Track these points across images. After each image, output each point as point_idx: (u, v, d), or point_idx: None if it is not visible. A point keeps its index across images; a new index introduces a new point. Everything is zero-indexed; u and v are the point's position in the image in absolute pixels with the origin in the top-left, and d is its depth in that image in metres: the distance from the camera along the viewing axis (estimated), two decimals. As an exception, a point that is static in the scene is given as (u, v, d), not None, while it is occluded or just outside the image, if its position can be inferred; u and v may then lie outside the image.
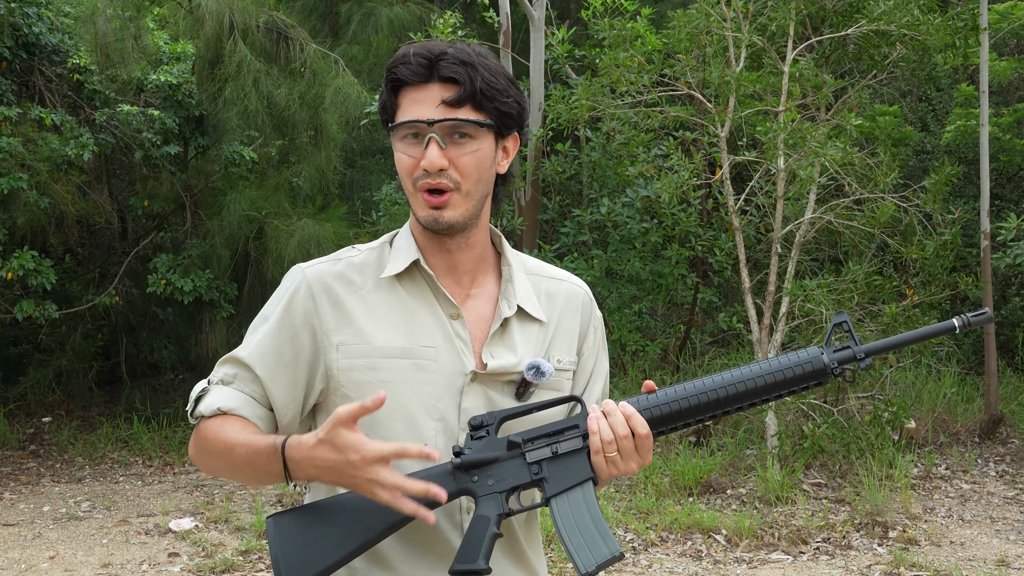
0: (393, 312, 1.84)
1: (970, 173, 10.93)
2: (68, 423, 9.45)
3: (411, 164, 1.79)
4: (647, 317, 10.20)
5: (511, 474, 1.75)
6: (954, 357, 9.96)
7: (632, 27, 8.55)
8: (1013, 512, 6.78)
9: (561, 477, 1.75)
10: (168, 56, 9.20)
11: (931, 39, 7.98)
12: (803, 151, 7.63)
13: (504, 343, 1.86)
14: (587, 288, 2.01)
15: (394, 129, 1.80)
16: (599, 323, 2.01)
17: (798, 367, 1.75)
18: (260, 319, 1.89)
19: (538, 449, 1.76)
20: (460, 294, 1.88)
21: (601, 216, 9.81)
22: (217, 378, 1.86)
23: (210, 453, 1.82)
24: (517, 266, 1.94)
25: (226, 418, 1.81)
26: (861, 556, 5.94)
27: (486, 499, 1.74)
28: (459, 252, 1.87)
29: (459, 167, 1.78)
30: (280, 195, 9.22)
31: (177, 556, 6.17)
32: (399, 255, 1.87)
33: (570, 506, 1.75)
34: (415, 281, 1.86)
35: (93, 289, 9.66)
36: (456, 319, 1.84)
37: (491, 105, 1.79)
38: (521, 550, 1.90)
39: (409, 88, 1.79)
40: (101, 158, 9.27)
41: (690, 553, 6.05)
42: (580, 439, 1.76)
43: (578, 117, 8.55)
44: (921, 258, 7.81)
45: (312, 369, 1.83)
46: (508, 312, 1.87)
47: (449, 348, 1.82)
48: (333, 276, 1.85)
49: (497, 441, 1.76)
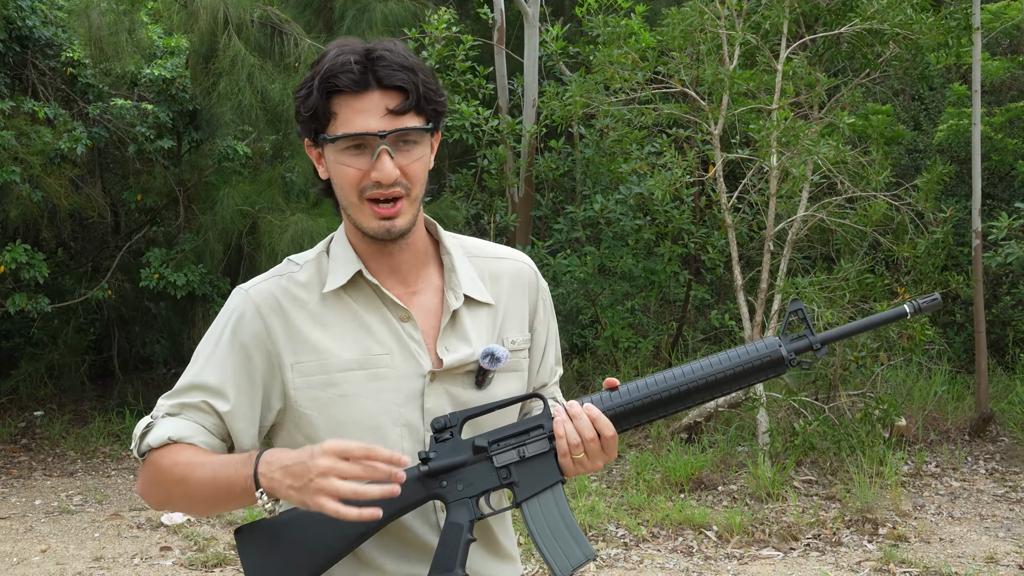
0: (343, 324, 1.81)
1: (962, 172, 10.96)
2: (60, 417, 9.44)
3: (357, 176, 1.75)
4: (640, 314, 10.22)
5: (480, 478, 1.75)
6: (945, 356, 9.99)
7: (626, 24, 8.56)
8: (1002, 509, 6.81)
9: (530, 481, 1.75)
10: (162, 50, 9.19)
11: (924, 38, 8.01)
12: (796, 149, 7.65)
13: (457, 334, 1.85)
14: (530, 262, 2.00)
15: (333, 141, 1.74)
16: (546, 294, 2.00)
17: (757, 360, 1.78)
18: (207, 345, 1.83)
19: (504, 452, 1.75)
20: (406, 294, 1.86)
21: (594, 213, 9.82)
22: (163, 412, 1.81)
23: (163, 482, 1.77)
24: (457, 252, 1.91)
25: (177, 447, 1.77)
26: (851, 553, 5.97)
27: (457, 505, 1.74)
28: (400, 254, 1.85)
29: (408, 174, 1.76)
30: (273, 190, 9.22)
31: (169, 550, 6.18)
32: (338, 266, 1.83)
33: (542, 510, 1.76)
34: (360, 289, 1.83)
35: (86, 283, 9.65)
36: (407, 321, 1.82)
37: (430, 108, 1.77)
38: (495, 540, 1.91)
39: (345, 96, 1.73)
40: (94, 152, 9.26)
41: (681, 549, 6.07)
42: (546, 440, 1.76)
43: (572, 114, 8.57)
44: (913, 256, 7.84)
45: (267, 391, 1.81)
46: (456, 304, 1.85)
47: (404, 352, 1.81)
48: (280, 294, 1.82)
49: (462, 443, 1.75)
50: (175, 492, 1.77)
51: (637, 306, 10.08)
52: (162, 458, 1.76)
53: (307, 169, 9.24)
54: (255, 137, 9.42)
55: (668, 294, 10.63)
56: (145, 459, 1.80)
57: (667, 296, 10.71)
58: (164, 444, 1.76)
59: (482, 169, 10.43)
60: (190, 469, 1.73)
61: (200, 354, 1.83)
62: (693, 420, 8.05)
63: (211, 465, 1.73)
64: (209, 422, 1.80)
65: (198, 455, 1.75)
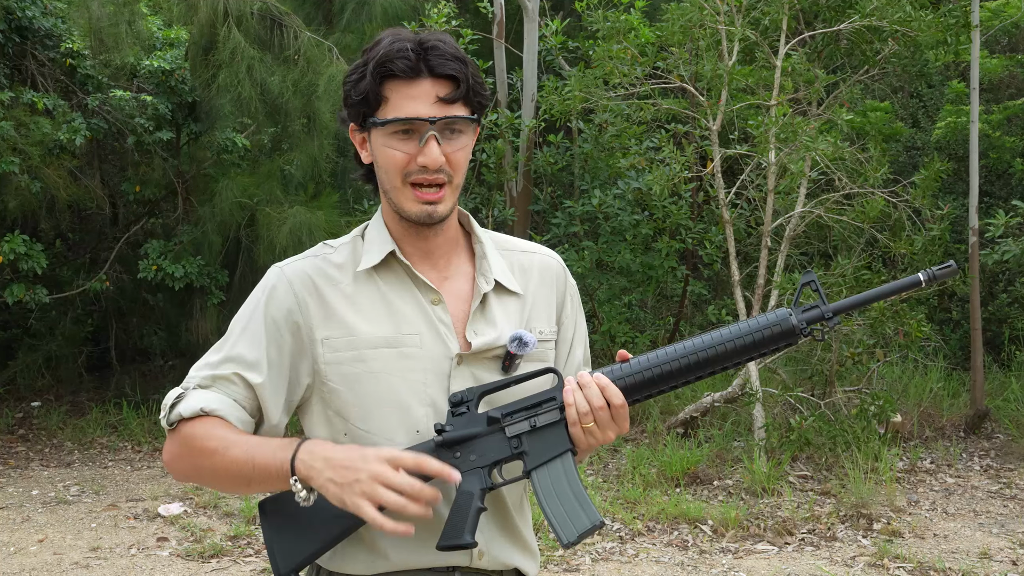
0: (374, 303, 1.84)
1: (959, 169, 10.98)
2: (57, 408, 9.45)
3: (404, 160, 1.79)
4: (637, 309, 10.24)
5: (492, 449, 1.78)
6: (941, 352, 10.02)
7: (626, 19, 8.56)
8: (996, 506, 6.84)
9: (540, 449, 1.78)
10: (162, 42, 9.19)
11: (923, 35, 8.02)
12: (794, 145, 7.66)
13: (485, 319, 1.88)
14: (559, 258, 2.03)
15: (383, 124, 1.78)
16: (574, 291, 2.04)
17: (767, 329, 1.77)
18: (241, 319, 1.86)
19: (517, 423, 1.79)
20: (437, 278, 1.89)
21: (592, 208, 9.83)
22: (194, 383, 1.84)
23: (194, 453, 1.79)
24: (488, 242, 1.95)
25: (209, 420, 1.79)
26: (846, 548, 5.99)
27: (469, 474, 1.77)
28: (435, 238, 1.89)
29: (453, 162, 1.80)
30: (272, 182, 9.22)
31: (166, 541, 6.19)
32: (373, 247, 1.87)
33: (550, 478, 1.78)
34: (393, 271, 1.87)
35: (84, 274, 9.66)
36: (437, 304, 1.86)
37: (476, 100, 1.82)
38: (516, 528, 1.92)
39: (398, 81, 1.78)
40: (93, 143, 9.26)
41: (676, 543, 6.09)
42: (557, 411, 1.78)
43: (571, 108, 8.58)
44: (910, 253, 7.85)
45: (296, 366, 1.83)
46: (486, 287, 1.89)
47: (433, 334, 1.84)
48: (313, 272, 1.86)
49: (478, 416, 1.79)
50: (204, 465, 1.79)
51: (634, 301, 10.11)
52: (194, 429, 1.79)
53: (306, 162, 9.25)
54: (254, 130, 9.42)
55: (665, 289, 10.66)
56: (174, 429, 1.82)
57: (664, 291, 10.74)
58: (196, 415, 1.79)
59: (480, 163, 10.44)
60: (224, 445, 1.76)
61: (234, 328, 1.86)
62: (689, 415, 8.08)
63: (246, 444, 1.76)
64: (241, 395, 1.82)
65: (232, 432, 1.78)
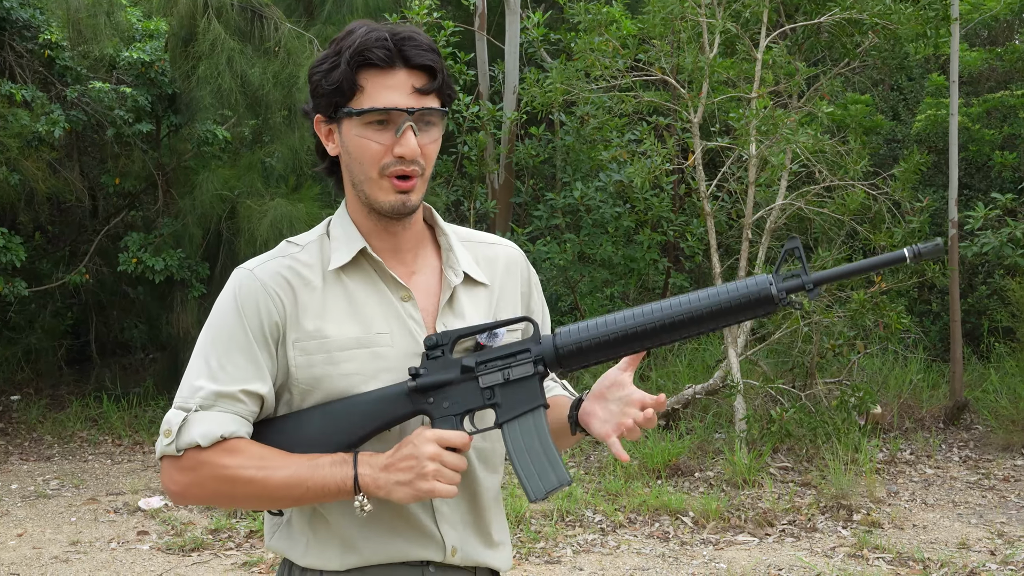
0: (344, 303, 1.82)
1: (939, 162, 11.03)
2: (37, 401, 9.40)
3: (380, 151, 1.77)
4: (619, 301, 10.25)
5: (465, 397, 1.78)
6: (920, 344, 10.07)
7: (607, 12, 8.57)
8: (975, 496, 6.89)
9: (513, 403, 1.78)
10: (141, 33, 9.13)
11: (903, 28, 8.05)
12: (775, 138, 7.68)
13: (454, 312, 1.88)
14: (520, 249, 2.04)
15: (359, 114, 1.76)
16: (536, 279, 2.05)
17: (745, 295, 1.73)
18: (224, 330, 1.80)
19: (490, 373, 1.78)
20: (405, 273, 1.88)
21: (574, 200, 9.84)
22: (195, 404, 1.77)
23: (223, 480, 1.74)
24: (452, 236, 1.95)
25: (231, 443, 1.75)
26: (826, 538, 6.02)
27: (442, 421, 1.77)
28: (403, 232, 1.87)
29: (426, 154, 1.80)
30: (253, 175, 9.18)
31: (146, 534, 6.17)
32: (341, 245, 1.85)
33: (521, 433, 1.79)
34: (361, 269, 1.85)
35: (63, 267, 9.60)
36: (407, 300, 1.85)
37: (447, 92, 1.82)
38: (489, 527, 1.92)
39: (374, 71, 1.76)
40: (72, 135, 9.21)
41: (657, 535, 6.11)
42: (531, 365, 1.78)
43: (552, 101, 8.57)
44: (889, 245, 7.89)
45: (272, 369, 1.81)
46: (456, 280, 1.88)
47: (403, 331, 1.83)
48: (286, 272, 1.82)
49: (452, 361, 1.79)
50: (239, 492, 1.76)
51: (616, 293, 10.12)
52: (219, 459, 1.74)
53: (287, 154, 9.22)
54: (235, 122, 9.38)
55: (647, 281, 10.67)
56: (181, 456, 1.75)
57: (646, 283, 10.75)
58: (215, 443, 1.74)
59: (462, 155, 10.42)
60: (263, 473, 1.73)
61: (219, 339, 1.80)
62: (671, 407, 8.10)
63: (293, 466, 1.74)
64: (247, 411, 1.78)
65: (266, 453, 1.76)
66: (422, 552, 1.82)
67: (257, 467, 1.74)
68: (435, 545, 1.83)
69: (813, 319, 7.71)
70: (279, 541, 1.88)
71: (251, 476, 1.74)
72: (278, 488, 1.74)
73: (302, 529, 1.85)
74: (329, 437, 1.77)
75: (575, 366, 1.80)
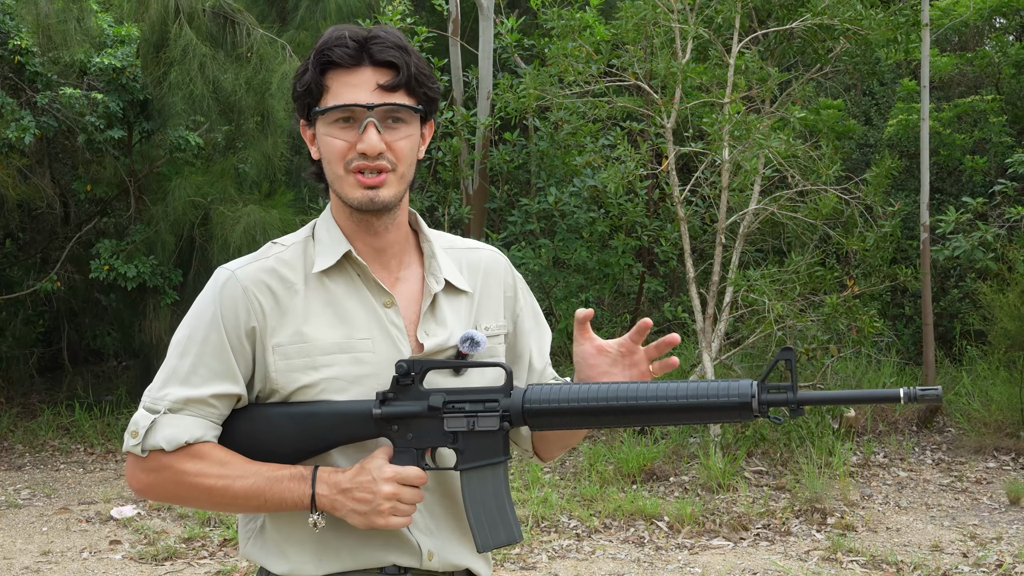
0: (327, 308, 1.82)
1: (911, 167, 11.09)
2: (8, 410, 9.31)
3: (344, 148, 1.78)
4: (594, 306, 10.26)
5: (428, 434, 1.78)
6: (893, 348, 10.12)
7: (581, 17, 8.58)
8: (948, 499, 6.93)
9: (474, 453, 1.78)
10: (112, 39, 9.07)
11: (874, 34, 8.11)
12: (748, 143, 7.72)
13: (436, 320, 1.87)
14: (502, 254, 2.04)
15: (323, 113, 1.79)
16: (522, 281, 2.05)
17: (724, 398, 1.68)
18: (199, 329, 1.80)
19: (456, 418, 1.77)
20: (389, 279, 1.88)
21: (548, 205, 9.84)
22: (164, 406, 1.77)
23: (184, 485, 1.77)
24: (435, 243, 1.95)
25: (196, 448, 1.76)
26: (800, 542, 6.04)
27: (403, 452, 1.77)
28: (386, 234, 1.87)
29: (395, 151, 1.80)
30: (226, 181, 9.14)
31: (119, 544, 6.12)
32: (326, 248, 1.85)
33: (479, 483, 1.78)
34: (345, 272, 1.85)
35: (34, 274, 9.53)
36: (390, 307, 1.84)
37: (421, 91, 1.82)
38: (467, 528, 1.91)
39: (339, 71, 1.78)
40: (43, 141, 9.13)
41: (633, 540, 6.11)
42: (497, 419, 1.77)
43: (526, 106, 8.58)
44: (862, 249, 7.94)
45: (247, 372, 1.81)
46: (437, 287, 1.88)
47: (385, 338, 1.82)
48: (268, 275, 1.82)
49: (421, 392, 1.78)
50: (199, 497, 1.79)
51: (591, 298, 10.13)
52: (182, 464, 1.76)
53: (260, 160, 9.18)
54: (207, 128, 9.33)
55: (622, 287, 10.70)
56: (149, 457, 1.77)
57: (621, 289, 10.78)
58: (179, 448, 1.76)
59: (436, 161, 10.41)
60: (223, 482, 1.76)
61: (193, 339, 1.80)
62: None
63: (254, 477, 1.76)
64: (216, 414, 1.79)
65: (228, 460, 1.77)
66: (398, 558, 1.82)
67: (218, 475, 1.76)
68: (411, 551, 1.83)
69: (787, 323, 7.74)
70: (253, 549, 1.88)
71: (211, 485, 1.76)
72: (237, 498, 1.77)
73: (276, 537, 1.84)
74: (292, 443, 1.79)
75: (541, 427, 1.79)
